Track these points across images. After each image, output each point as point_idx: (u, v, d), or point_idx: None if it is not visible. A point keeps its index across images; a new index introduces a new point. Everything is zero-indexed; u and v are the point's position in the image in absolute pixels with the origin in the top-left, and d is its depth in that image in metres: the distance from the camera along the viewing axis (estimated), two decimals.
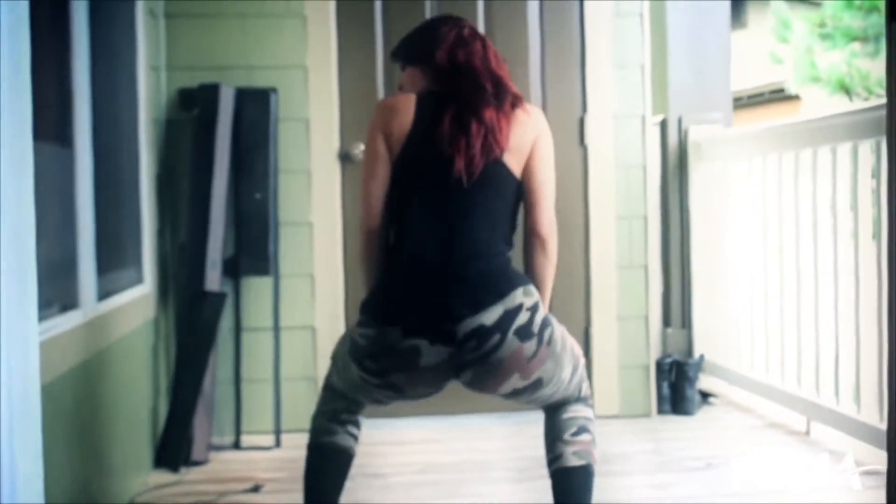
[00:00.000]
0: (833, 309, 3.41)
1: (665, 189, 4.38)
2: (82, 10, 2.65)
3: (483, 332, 2.11)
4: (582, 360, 2.40)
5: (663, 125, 4.38)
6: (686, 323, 4.35)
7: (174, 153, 3.72)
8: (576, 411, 2.36)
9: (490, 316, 2.12)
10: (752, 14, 14.11)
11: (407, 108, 2.29)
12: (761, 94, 14.03)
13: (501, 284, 2.18)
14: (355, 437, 2.43)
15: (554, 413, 2.38)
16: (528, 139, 2.30)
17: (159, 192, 3.64)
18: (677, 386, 4.05)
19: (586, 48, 3.96)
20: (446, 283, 2.17)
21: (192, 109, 3.66)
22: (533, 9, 3.96)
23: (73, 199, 2.58)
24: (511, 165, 2.28)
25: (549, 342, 2.21)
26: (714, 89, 4.48)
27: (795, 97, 12.37)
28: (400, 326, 2.14)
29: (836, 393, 3.41)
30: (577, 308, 4.00)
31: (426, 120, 2.27)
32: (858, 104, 3.23)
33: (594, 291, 3.98)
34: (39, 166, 1.68)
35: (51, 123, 2.48)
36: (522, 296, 2.18)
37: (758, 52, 12.47)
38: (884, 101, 3.09)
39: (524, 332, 2.15)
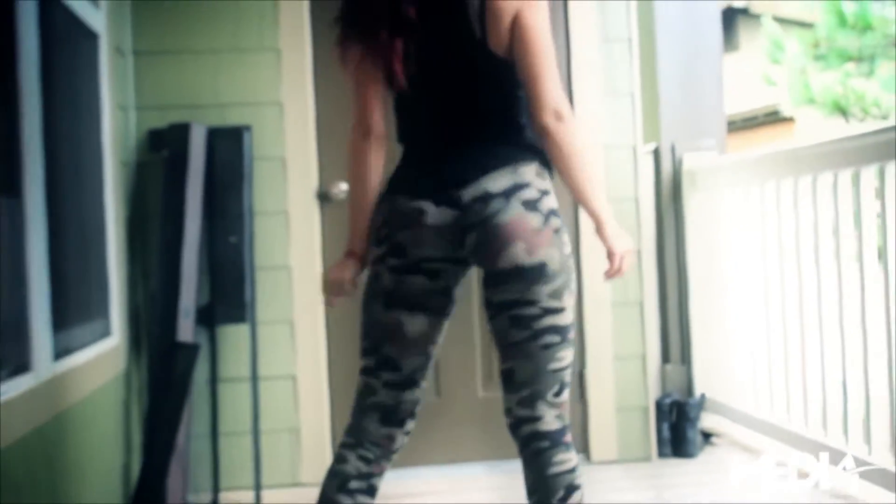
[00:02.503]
0: (839, 340, 3.24)
1: (660, 220, 4.21)
2: (32, 48, 2.49)
3: (488, 197, 2.07)
4: (571, 357, 2.15)
5: (656, 154, 4.22)
6: (685, 359, 4.18)
7: (144, 196, 3.56)
8: (561, 463, 2.08)
9: (496, 183, 2.07)
10: (744, 36, 14.05)
11: None
12: (755, 117, 13.93)
13: (509, 155, 2.11)
14: None
15: (535, 462, 2.09)
16: (506, 13, 2.08)
17: (129, 238, 3.48)
18: (678, 427, 3.87)
19: (572, 76, 3.80)
20: (447, 156, 2.14)
21: (162, 150, 3.51)
22: None
23: (23, 254, 2.40)
24: (488, 42, 2.11)
25: (556, 233, 2.10)
26: (707, 114, 4.35)
27: (790, 119, 12.24)
28: (406, 194, 2.13)
29: (846, 433, 3.23)
30: None
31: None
32: (860, 128, 3.07)
33: (588, 331, 3.81)
34: None
35: None
36: (534, 175, 2.11)
37: (751, 75, 12.38)
38: (889, 123, 2.96)
39: (530, 204, 2.07)
